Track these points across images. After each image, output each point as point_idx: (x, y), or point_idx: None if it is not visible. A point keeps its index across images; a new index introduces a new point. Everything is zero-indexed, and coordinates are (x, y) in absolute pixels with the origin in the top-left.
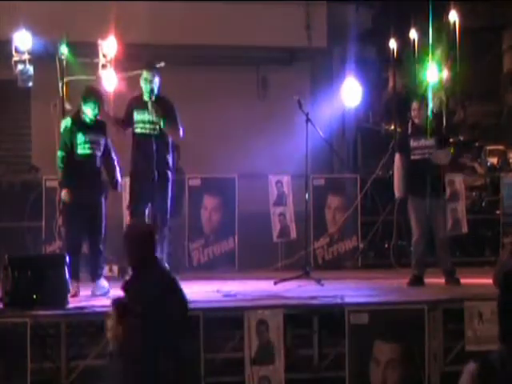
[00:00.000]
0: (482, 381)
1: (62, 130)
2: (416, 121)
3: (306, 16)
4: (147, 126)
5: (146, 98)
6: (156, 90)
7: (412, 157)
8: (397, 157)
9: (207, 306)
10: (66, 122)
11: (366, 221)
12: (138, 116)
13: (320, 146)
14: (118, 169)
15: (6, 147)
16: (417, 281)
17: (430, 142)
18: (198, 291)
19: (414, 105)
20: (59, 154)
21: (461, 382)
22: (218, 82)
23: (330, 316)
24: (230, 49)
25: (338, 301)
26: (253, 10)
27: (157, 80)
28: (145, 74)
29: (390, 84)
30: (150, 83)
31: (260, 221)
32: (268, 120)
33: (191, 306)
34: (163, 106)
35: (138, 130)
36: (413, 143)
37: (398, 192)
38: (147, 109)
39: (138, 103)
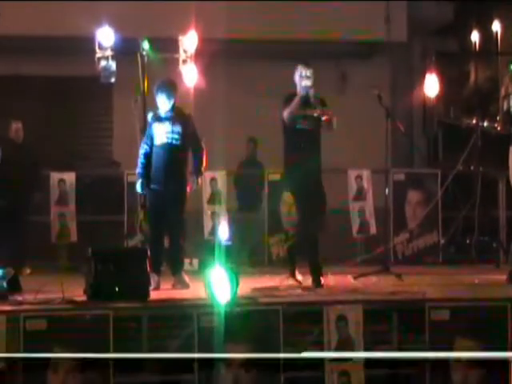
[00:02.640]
0: None
1: None
2: None
3: (386, 9)
4: (307, 122)
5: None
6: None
7: None
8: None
9: (286, 300)
10: (149, 117)
11: (447, 216)
12: (301, 111)
13: (401, 141)
14: (202, 160)
15: (89, 142)
16: None
17: None
18: (277, 286)
19: None
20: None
21: None
22: None
23: (410, 312)
24: (309, 43)
25: (419, 296)
26: (332, 4)
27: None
28: (300, 68)
29: (472, 77)
30: (307, 79)
31: (340, 216)
32: (347, 114)
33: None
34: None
35: (297, 126)
36: None
37: None
38: (310, 105)
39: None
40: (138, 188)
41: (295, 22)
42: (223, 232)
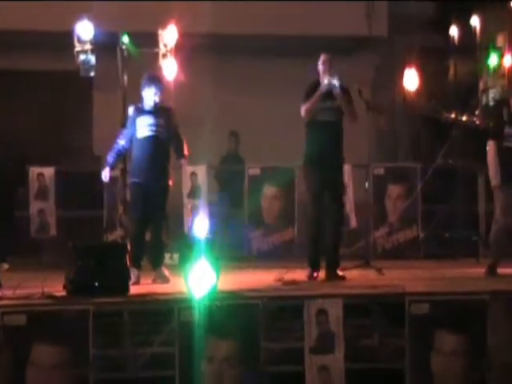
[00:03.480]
0: None
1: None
2: None
3: (368, 5)
4: (332, 112)
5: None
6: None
7: (505, 143)
8: (491, 143)
9: (266, 294)
10: (129, 110)
11: (427, 210)
12: (320, 104)
13: (383, 136)
14: (185, 148)
15: (68, 137)
16: (493, 271)
17: None
18: (257, 280)
19: None
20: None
21: None
22: (280, 72)
23: (391, 306)
24: (292, 39)
25: (399, 290)
26: (315, 0)
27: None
28: (323, 56)
29: (452, 72)
30: (329, 70)
31: None
32: None
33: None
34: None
35: (318, 118)
36: (508, 130)
37: (495, 179)
38: (330, 97)
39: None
40: (104, 176)
41: (277, 17)
42: (204, 226)
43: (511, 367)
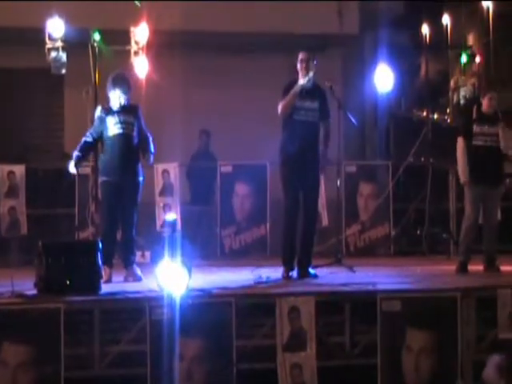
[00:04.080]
0: (510, 373)
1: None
2: (485, 109)
3: (338, 2)
4: (309, 113)
5: (302, 80)
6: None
7: (474, 142)
8: (460, 141)
9: (239, 292)
10: (97, 111)
11: (398, 208)
12: (298, 103)
13: (352, 133)
14: (151, 144)
15: (39, 135)
16: (464, 268)
17: (494, 129)
18: (229, 278)
19: (490, 94)
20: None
21: (486, 375)
22: (250, 69)
23: (362, 303)
24: (262, 36)
25: (370, 288)
26: None
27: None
28: (302, 55)
29: (423, 70)
30: (307, 68)
31: None
32: None
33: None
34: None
35: (296, 117)
36: (476, 129)
37: (463, 177)
38: (304, 96)
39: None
40: (71, 168)
41: (249, 14)
42: (175, 225)
43: (481, 364)
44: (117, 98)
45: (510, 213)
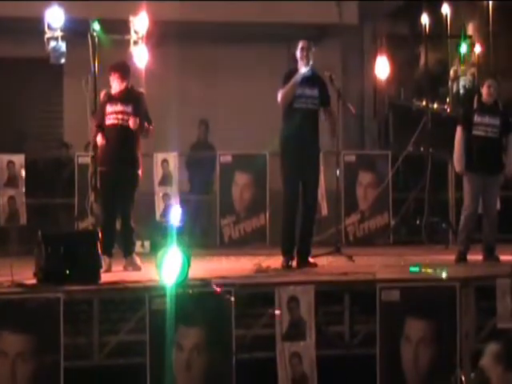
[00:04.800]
0: (509, 362)
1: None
2: (485, 98)
3: None
4: (309, 100)
5: (303, 69)
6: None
7: (474, 132)
8: (458, 130)
9: (238, 282)
10: (101, 95)
11: (398, 197)
12: (298, 91)
13: (351, 123)
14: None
15: (39, 124)
16: (463, 257)
17: (495, 120)
18: (228, 268)
19: (489, 82)
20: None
21: (484, 364)
22: (249, 59)
23: (362, 293)
24: (261, 26)
25: (370, 277)
26: None
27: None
28: (303, 43)
29: (422, 60)
30: (307, 57)
31: None
32: None
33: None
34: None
35: (296, 105)
36: (477, 118)
37: (458, 166)
38: (304, 84)
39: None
40: (99, 139)
41: (247, 4)
42: (175, 214)
43: (480, 354)
44: (116, 84)
45: (509, 202)
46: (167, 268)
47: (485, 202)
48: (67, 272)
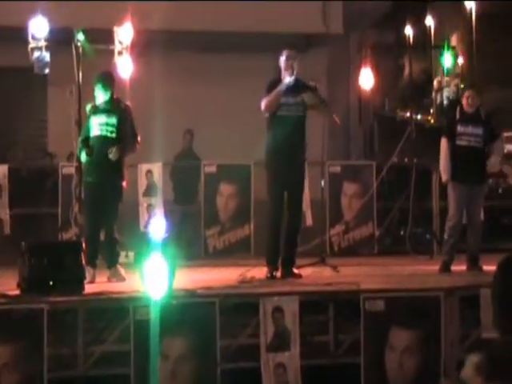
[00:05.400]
0: (490, 373)
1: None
2: (466, 108)
3: (323, 2)
4: (293, 107)
5: (288, 79)
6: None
7: (458, 142)
8: (443, 141)
9: (223, 292)
10: (87, 108)
11: (382, 208)
12: (282, 99)
13: (337, 133)
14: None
15: (23, 134)
16: (447, 267)
17: (478, 130)
18: (213, 278)
19: (468, 93)
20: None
21: (464, 375)
22: (235, 69)
23: (346, 303)
24: (247, 35)
25: (354, 287)
26: None
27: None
28: (287, 53)
29: (406, 70)
30: (291, 66)
31: None
32: None
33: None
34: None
35: (280, 113)
36: (460, 129)
37: (445, 176)
38: (287, 92)
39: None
40: (83, 157)
41: (234, 13)
42: (159, 224)
43: (462, 363)
44: (98, 96)
45: (492, 212)
46: (151, 278)
47: (469, 212)
48: (51, 283)
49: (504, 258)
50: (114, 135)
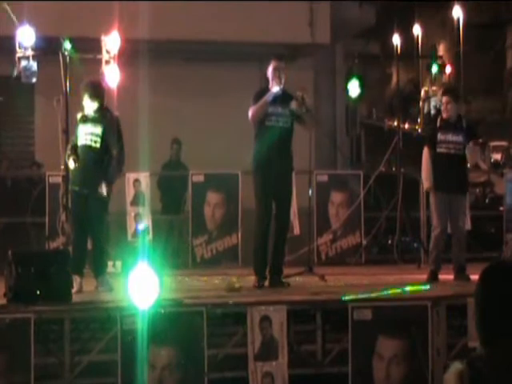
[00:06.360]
0: (471, 382)
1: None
2: (444, 115)
3: (310, 12)
4: (280, 119)
5: (276, 88)
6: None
7: (438, 150)
8: (425, 149)
9: (210, 301)
10: (78, 116)
11: (370, 217)
12: (270, 109)
13: (324, 142)
14: (120, 166)
15: (10, 143)
16: (434, 276)
17: (458, 137)
18: (200, 287)
19: (445, 99)
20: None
21: (447, 380)
22: (222, 78)
23: (334, 312)
24: (233, 45)
25: (341, 297)
26: (256, 6)
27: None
28: (275, 63)
29: (394, 80)
30: (282, 71)
31: None
32: None
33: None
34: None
35: (268, 123)
36: (440, 136)
37: (426, 183)
38: (276, 102)
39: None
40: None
41: (220, 23)
42: (147, 234)
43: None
44: (86, 105)
45: (478, 221)
46: (139, 288)
47: (452, 221)
48: (38, 292)
49: (486, 268)
50: (97, 145)
